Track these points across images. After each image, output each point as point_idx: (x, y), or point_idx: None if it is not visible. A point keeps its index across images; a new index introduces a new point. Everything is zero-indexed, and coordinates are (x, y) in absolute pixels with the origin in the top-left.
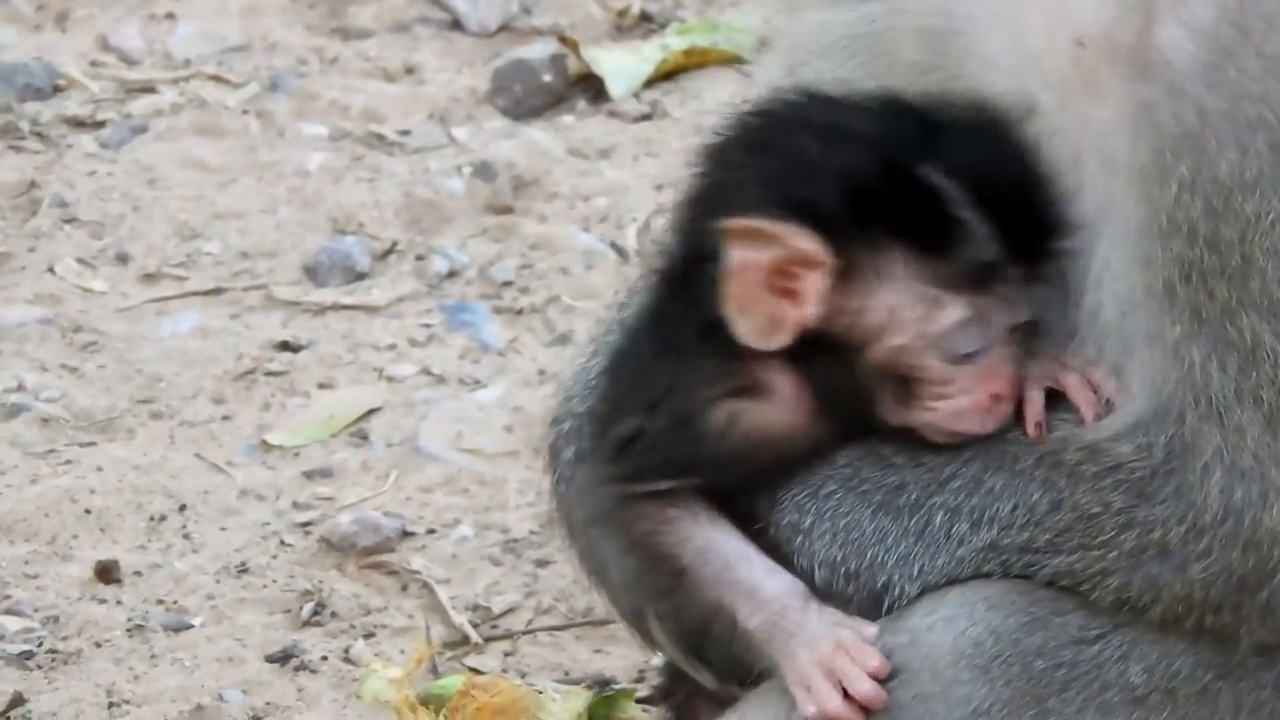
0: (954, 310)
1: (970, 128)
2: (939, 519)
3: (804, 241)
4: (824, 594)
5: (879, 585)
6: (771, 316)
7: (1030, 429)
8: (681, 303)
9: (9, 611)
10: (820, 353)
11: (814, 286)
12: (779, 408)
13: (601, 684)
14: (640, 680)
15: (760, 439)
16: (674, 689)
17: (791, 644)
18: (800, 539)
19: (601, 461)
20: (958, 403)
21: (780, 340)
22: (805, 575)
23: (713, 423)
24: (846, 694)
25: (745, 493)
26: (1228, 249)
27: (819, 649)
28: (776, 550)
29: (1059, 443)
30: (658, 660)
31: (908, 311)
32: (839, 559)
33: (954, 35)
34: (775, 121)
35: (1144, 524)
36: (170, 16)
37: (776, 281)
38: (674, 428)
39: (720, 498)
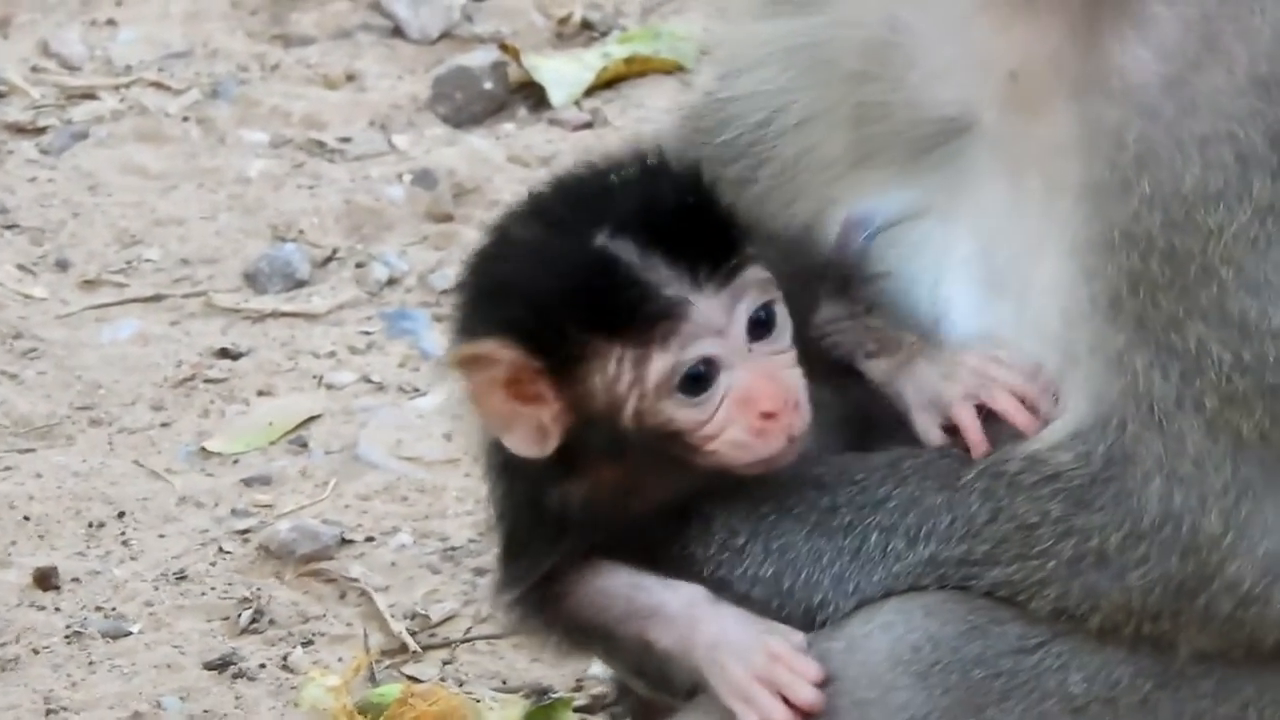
0: (658, 362)
1: (630, 181)
2: (874, 538)
3: (510, 354)
4: (757, 613)
5: (814, 603)
6: (532, 425)
7: (975, 452)
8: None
9: None
10: (597, 433)
11: (545, 388)
12: (600, 483)
13: (539, 692)
14: (578, 689)
15: (601, 509)
16: (626, 692)
17: (716, 655)
18: (732, 557)
19: (503, 572)
20: (730, 436)
21: (552, 442)
22: (738, 595)
23: (552, 506)
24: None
25: (666, 535)
26: (1184, 260)
27: (752, 661)
28: (710, 575)
29: (999, 453)
30: (596, 669)
31: (620, 381)
32: (772, 577)
33: (895, 48)
34: (490, 239)
35: (1082, 532)
36: (112, 23)
37: (517, 392)
38: (527, 519)
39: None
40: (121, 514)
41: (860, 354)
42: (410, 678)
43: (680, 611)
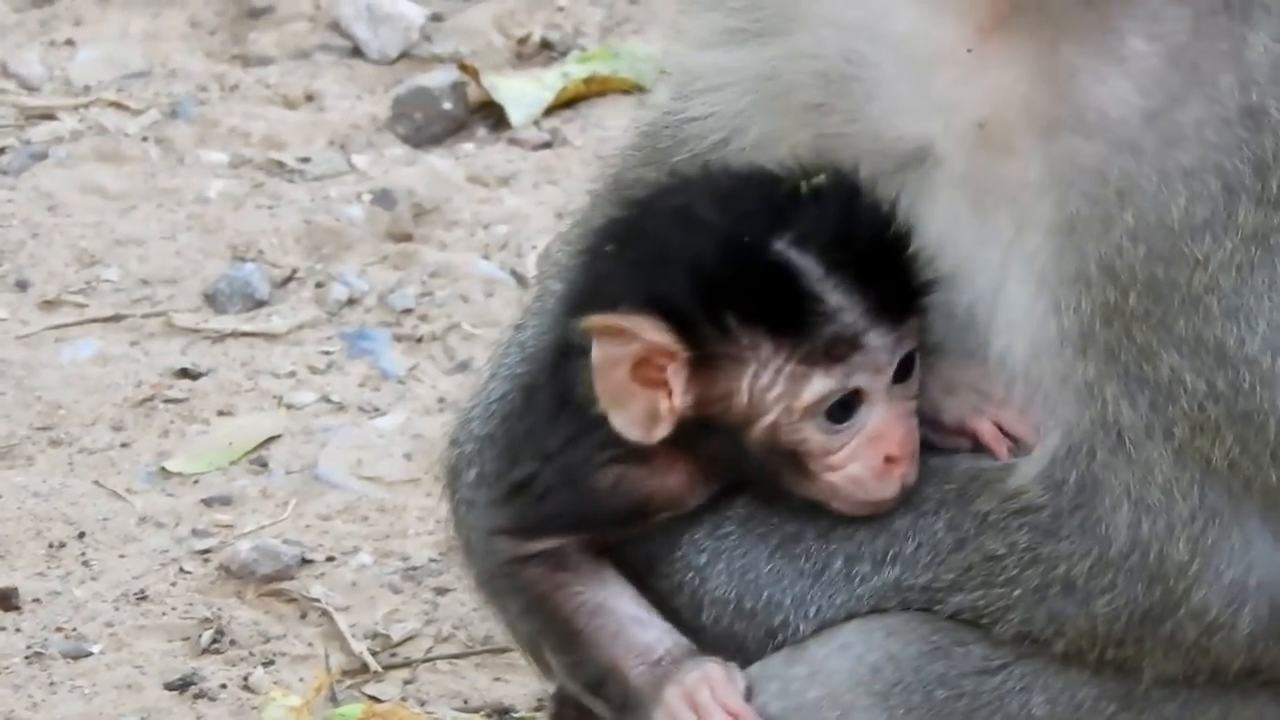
0: (818, 384)
1: (823, 196)
2: (838, 563)
3: (657, 334)
4: (717, 631)
5: (775, 623)
6: (646, 409)
7: (1001, 452)
8: (581, 366)
9: None
10: (710, 435)
11: (677, 377)
12: (667, 478)
13: (501, 712)
14: (539, 708)
15: (647, 502)
16: (565, 713)
17: (665, 688)
18: (694, 577)
19: (494, 506)
20: (851, 471)
21: (660, 431)
22: (697, 613)
23: (600, 483)
24: None
25: (636, 544)
26: (1167, 291)
27: (685, 683)
28: (671, 592)
29: (966, 481)
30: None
31: (771, 391)
32: (733, 597)
33: (855, 80)
34: (639, 212)
35: (1049, 560)
36: (70, 43)
37: (643, 374)
38: (563, 482)
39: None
40: (82, 534)
41: None
42: (371, 698)
43: (665, 654)
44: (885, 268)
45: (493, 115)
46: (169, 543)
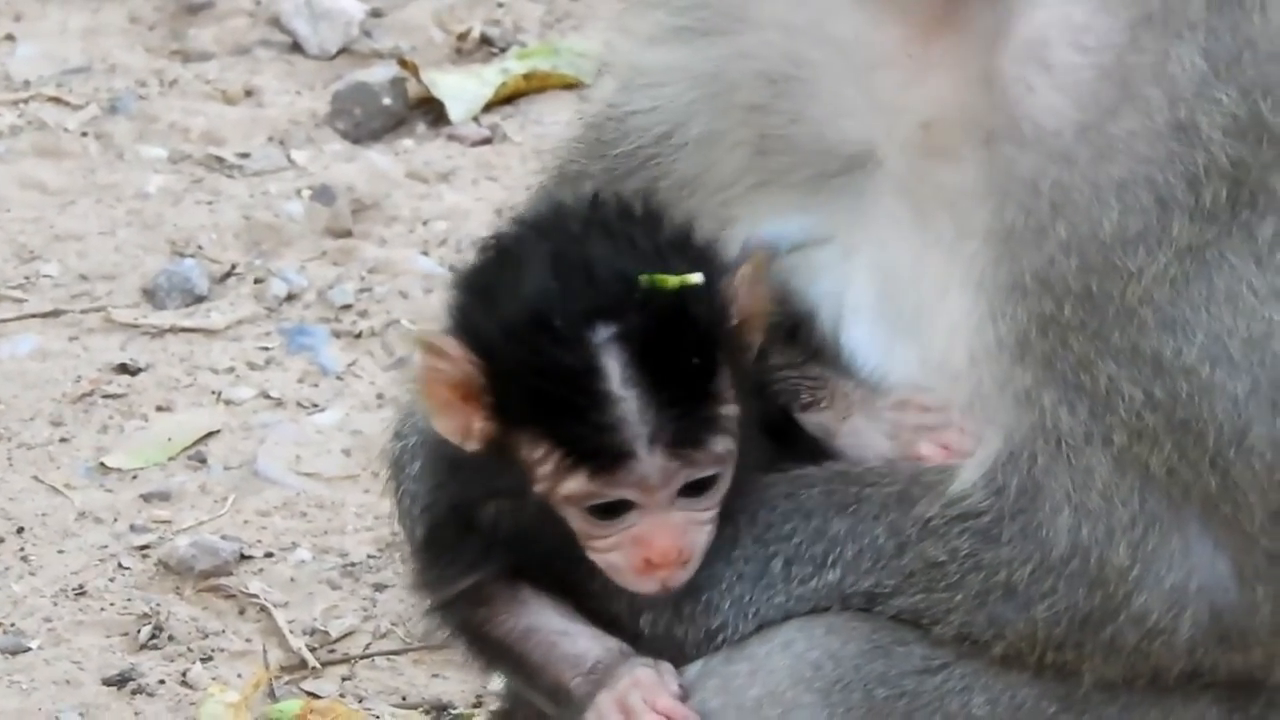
0: (575, 483)
1: (657, 301)
2: (778, 566)
3: (469, 369)
4: (656, 636)
5: (713, 626)
6: (461, 423)
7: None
8: None
9: None
10: (512, 464)
11: (484, 408)
12: (532, 506)
13: (439, 709)
14: (478, 705)
15: (530, 530)
16: (514, 713)
17: (598, 694)
18: None
19: (417, 571)
20: (610, 559)
21: (473, 445)
22: (635, 619)
23: (484, 519)
24: None
25: (575, 555)
26: (1101, 303)
27: (616, 688)
28: (609, 599)
29: (907, 484)
30: (495, 685)
31: (541, 468)
32: (672, 602)
33: (797, 82)
34: (522, 232)
35: (990, 566)
36: (10, 38)
37: (460, 391)
38: (455, 524)
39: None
40: (20, 529)
41: (797, 405)
42: (310, 694)
43: (598, 660)
44: (681, 397)
45: (432, 111)
46: (108, 538)
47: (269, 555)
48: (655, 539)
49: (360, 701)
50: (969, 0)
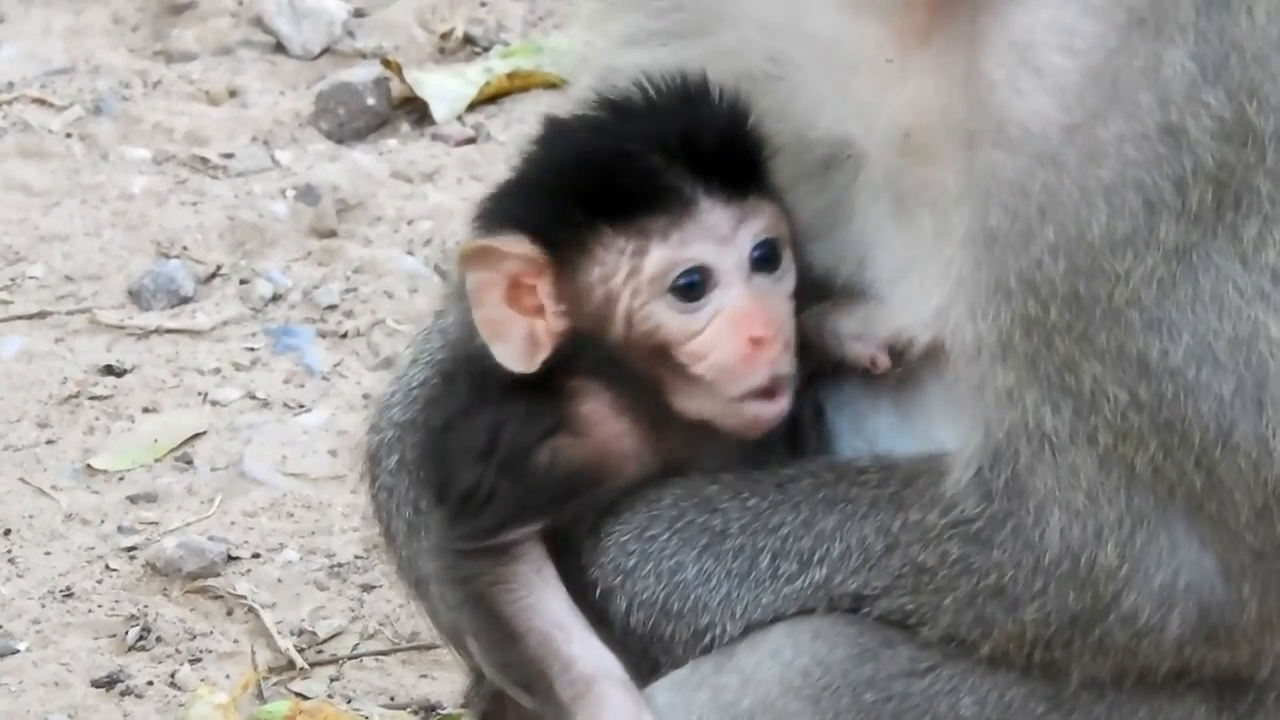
0: (656, 255)
1: (663, 94)
2: (765, 561)
3: (518, 246)
4: (645, 633)
5: (702, 625)
6: (524, 335)
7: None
8: (485, 351)
9: None
10: (589, 355)
11: (546, 291)
12: (595, 439)
13: (427, 709)
14: (465, 705)
15: (584, 472)
16: (497, 709)
17: (578, 709)
18: (623, 579)
19: (448, 521)
20: (716, 359)
21: (540, 356)
22: (627, 616)
23: (538, 464)
24: None
25: (584, 527)
26: (1088, 305)
27: (590, 709)
28: (601, 596)
29: (899, 486)
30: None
31: (617, 275)
32: (661, 599)
33: (780, 80)
34: (522, 156)
35: (981, 570)
36: None
37: (517, 299)
38: (504, 475)
39: (556, 540)
40: (7, 531)
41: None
42: (298, 694)
43: (587, 676)
44: (721, 147)
45: (416, 111)
46: (95, 540)
47: (256, 556)
48: (749, 310)
49: (348, 702)
50: (949, 1)
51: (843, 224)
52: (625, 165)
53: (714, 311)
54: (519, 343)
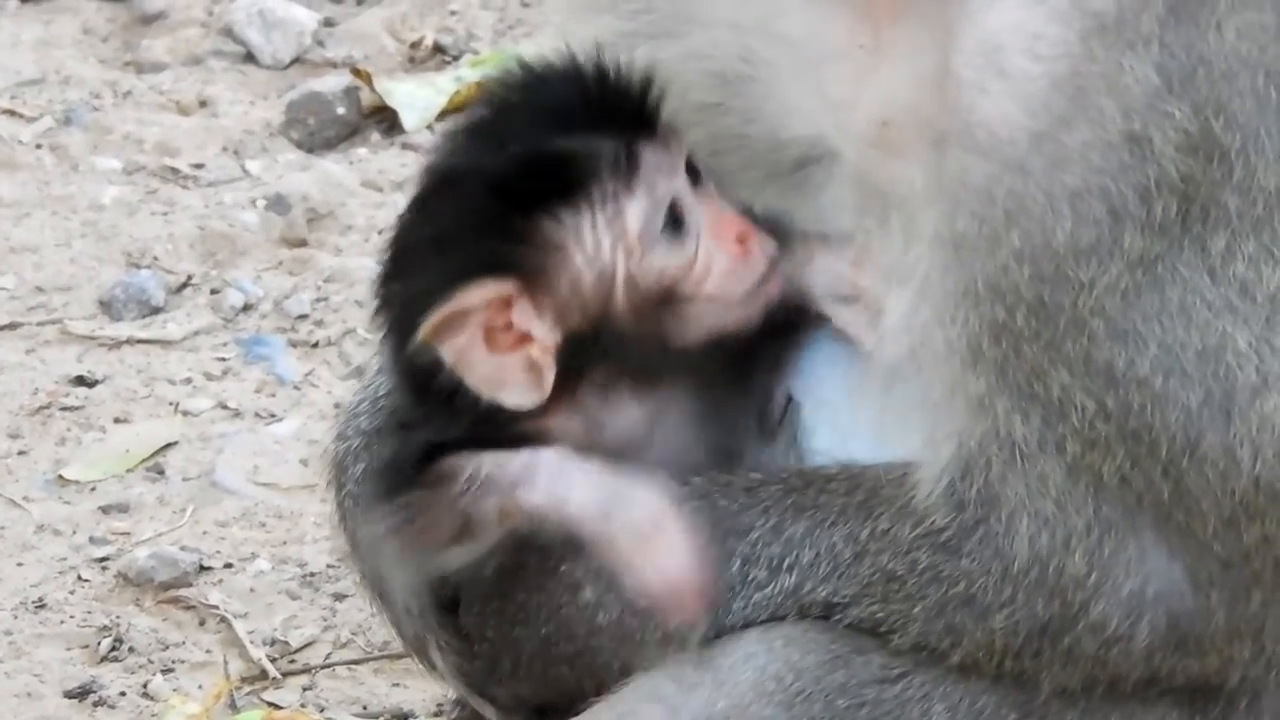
0: (637, 204)
1: (540, 80)
2: (735, 566)
3: (479, 293)
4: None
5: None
6: (522, 369)
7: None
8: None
9: None
10: (594, 351)
11: (524, 315)
12: (559, 420)
13: (400, 718)
14: (439, 714)
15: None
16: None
17: (599, 518)
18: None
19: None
20: (719, 269)
21: (548, 378)
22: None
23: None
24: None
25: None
26: (1053, 313)
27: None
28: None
29: (867, 494)
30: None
31: (602, 246)
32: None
33: (752, 80)
34: (417, 199)
35: (950, 579)
36: None
37: (496, 341)
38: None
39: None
40: None
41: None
42: (271, 704)
43: (545, 466)
44: (614, 94)
45: (386, 120)
46: (67, 550)
47: (228, 566)
48: (719, 216)
49: (321, 711)
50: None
51: (815, 225)
52: (554, 147)
53: (695, 235)
54: (521, 379)
